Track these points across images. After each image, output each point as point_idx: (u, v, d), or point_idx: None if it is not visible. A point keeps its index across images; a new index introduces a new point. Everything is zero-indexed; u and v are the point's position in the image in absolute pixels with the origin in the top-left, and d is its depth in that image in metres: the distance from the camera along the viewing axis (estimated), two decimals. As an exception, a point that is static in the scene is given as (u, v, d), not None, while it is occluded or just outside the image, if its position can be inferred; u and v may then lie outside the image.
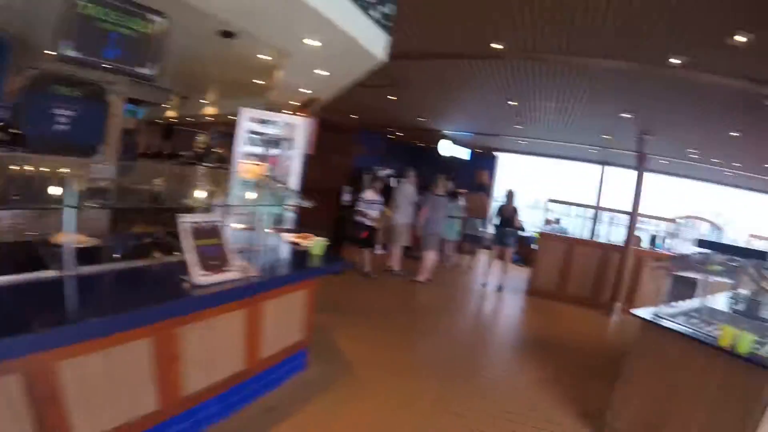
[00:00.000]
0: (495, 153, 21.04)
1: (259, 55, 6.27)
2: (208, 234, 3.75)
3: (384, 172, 15.90)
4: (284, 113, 6.57)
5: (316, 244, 5.27)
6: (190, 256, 3.55)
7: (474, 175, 18.18)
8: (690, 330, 4.40)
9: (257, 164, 5.38)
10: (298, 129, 5.94)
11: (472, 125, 16.33)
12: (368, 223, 10.55)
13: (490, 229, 12.69)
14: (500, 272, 11.60)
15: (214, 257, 3.70)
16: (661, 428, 4.41)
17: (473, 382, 5.87)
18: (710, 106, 8.93)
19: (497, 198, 17.99)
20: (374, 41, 5.48)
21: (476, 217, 14.35)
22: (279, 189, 5.16)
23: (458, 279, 12.56)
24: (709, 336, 4.21)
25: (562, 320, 9.75)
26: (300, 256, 5.19)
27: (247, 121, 5.55)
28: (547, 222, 13.65)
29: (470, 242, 14.44)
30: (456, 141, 18.54)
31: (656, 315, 4.70)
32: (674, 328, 4.44)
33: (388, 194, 11.07)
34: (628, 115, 10.51)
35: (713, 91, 7.88)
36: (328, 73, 6.76)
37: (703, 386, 4.14)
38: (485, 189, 17.21)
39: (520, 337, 8.62)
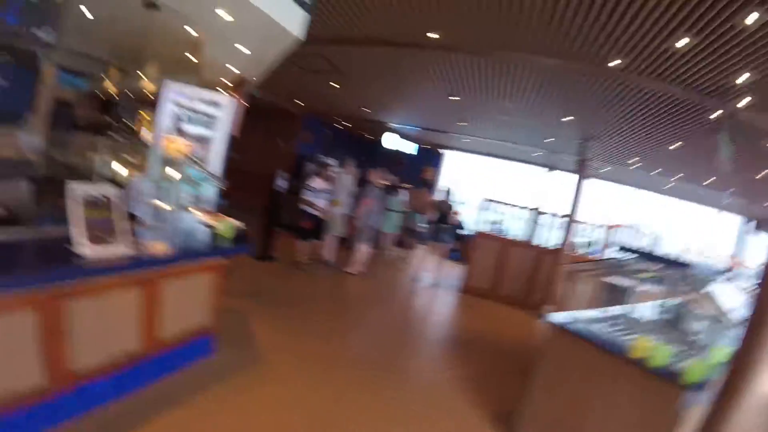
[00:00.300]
0: (441, 150, 20.92)
1: (183, 27, 6.00)
2: (101, 205, 3.48)
3: (327, 161, 15.68)
4: (214, 92, 6.28)
5: (225, 225, 4.97)
6: (77, 226, 3.29)
7: (420, 171, 18.13)
8: (601, 338, 4.30)
9: (179, 141, 5.11)
10: (224, 108, 5.72)
11: (417, 119, 16.20)
12: (314, 213, 10.13)
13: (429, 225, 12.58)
14: (435, 268, 11.49)
15: (103, 229, 3.44)
16: (570, 434, 4.30)
17: (391, 377, 5.70)
18: (652, 115, 8.95)
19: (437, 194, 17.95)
20: (289, 17, 5.29)
21: (419, 213, 14.24)
22: (199, 168, 4.91)
23: (393, 273, 12.41)
24: (623, 346, 4.11)
25: (493, 320, 9.69)
26: (208, 237, 4.90)
27: (171, 95, 5.30)
28: (492, 222, 13.65)
29: (409, 237, 14.33)
30: (403, 135, 18.40)
31: (570, 320, 4.59)
32: (585, 334, 4.34)
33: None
34: (571, 119, 10.49)
35: (655, 100, 7.88)
36: (249, 52, 6.50)
37: (614, 396, 4.04)
38: (429, 185, 17.15)
39: (447, 334, 8.49)
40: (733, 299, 4.81)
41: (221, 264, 5.02)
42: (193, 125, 5.53)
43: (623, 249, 5.24)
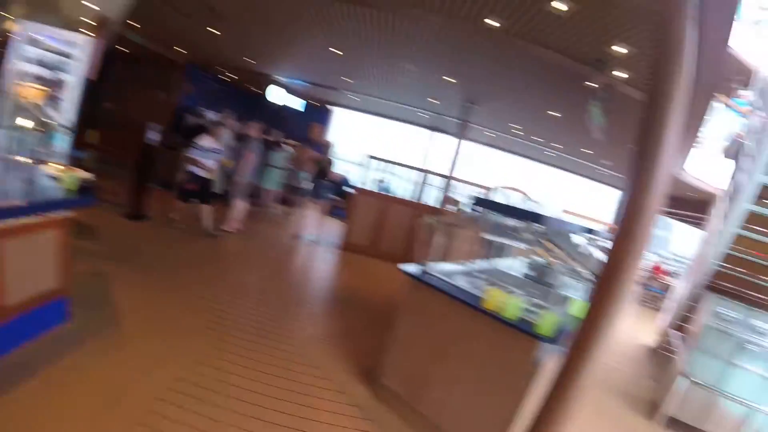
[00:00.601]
0: (330, 107, 20.63)
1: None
2: None
3: (210, 114, 15.09)
4: (72, 32, 5.82)
5: (69, 177, 4.54)
6: None
7: (307, 128, 17.87)
8: (455, 289, 4.35)
9: (29, 86, 4.73)
10: (82, 49, 5.32)
11: (304, 73, 15.94)
12: (201, 174, 9.24)
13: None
14: (317, 225, 11.39)
15: None
16: (429, 387, 4.36)
17: (262, 337, 5.55)
18: (532, 81, 9.09)
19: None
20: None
21: (305, 170, 14.00)
22: (48, 115, 4.55)
23: (273, 230, 12.21)
24: (477, 297, 4.15)
25: (370, 276, 9.77)
26: (54, 190, 4.49)
27: (25, 36, 4.88)
28: (378, 181, 13.67)
29: (292, 194, 14.11)
30: (290, 90, 17.97)
31: (428, 272, 4.64)
32: (439, 286, 4.37)
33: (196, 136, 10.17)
34: (453, 80, 10.55)
35: (535, 65, 7.98)
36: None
37: (471, 347, 4.11)
38: (316, 142, 16.95)
39: (324, 291, 8.48)
40: (593, 255, 4.97)
41: (68, 219, 4.59)
42: (47, 69, 5.14)
43: (477, 201, 5.27)
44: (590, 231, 5.68)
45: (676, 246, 20.14)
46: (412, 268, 4.69)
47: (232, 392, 4.26)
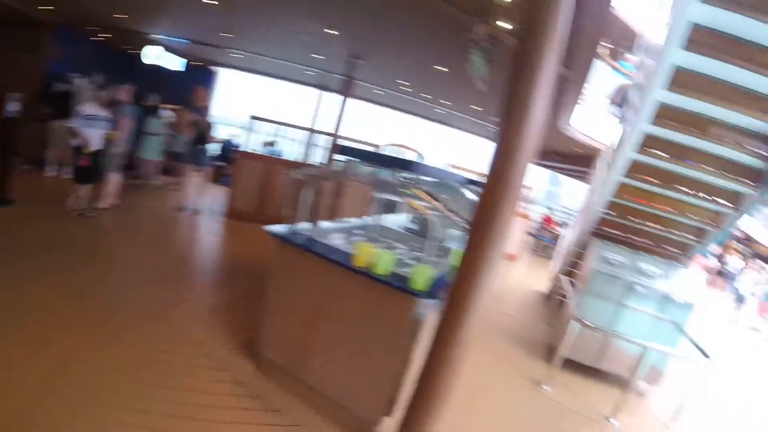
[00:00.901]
0: (214, 68, 19.73)
1: None
2: None
3: (78, 80, 13.98)
4: None
5: None
6: None
7: (189, 90, 17.07)
8: (324, 248, 4.12)
9: None
10: None
11: (181, 29, 15.11)
12: (90, 147, 8.09)
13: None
14: (200, 194, 10.83)
15: None
16: (309, 355, 4.13)
17: (136, 319, 5.12)
18: (417, 34, 8.88)
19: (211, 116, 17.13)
20: None
21: (186, 136, 13.32)
22: None
23: (153, 203, 11.37)
24: (347, 255, 3.93)
25: (256, 243, 9.26)
26: None
27: None
28: (266, 143, 13.25)
29: (174, 162, 13.32)
30: (169, 49, 16.97)
31: (293, 232, 4.41)
32: (307, 246, 4.11)
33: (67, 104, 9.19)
34: (335, 32, 10.21)
35: (418, 15, 7.77)
36: None
37: (345, 308, 3.90)
38: (199, 106, 16.20)
39: (207, 263, 8.05)
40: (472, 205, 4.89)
41: None
42: None
43: (343, 150, 5.08)
44: (474, 183, 5.59)
45: (565, 199, 21.07)
46: (277, 228, 4.37)
47: (106, 382, 3.87)
